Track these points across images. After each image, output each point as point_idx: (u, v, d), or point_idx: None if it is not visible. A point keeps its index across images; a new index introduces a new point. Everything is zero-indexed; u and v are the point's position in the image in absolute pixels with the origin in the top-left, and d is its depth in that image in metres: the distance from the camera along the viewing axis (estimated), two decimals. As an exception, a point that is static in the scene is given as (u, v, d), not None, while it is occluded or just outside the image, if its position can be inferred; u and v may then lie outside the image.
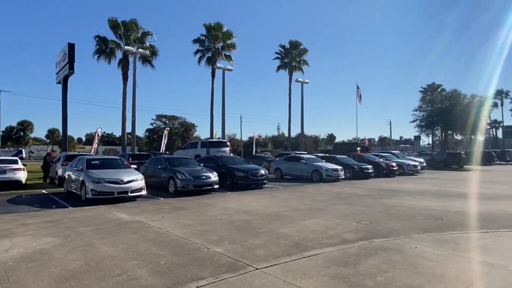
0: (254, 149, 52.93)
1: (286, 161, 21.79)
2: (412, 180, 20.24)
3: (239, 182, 15.06)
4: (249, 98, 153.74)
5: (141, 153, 24.39)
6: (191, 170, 13.79)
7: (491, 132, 75.36)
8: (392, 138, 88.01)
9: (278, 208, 9.99)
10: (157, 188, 14.20)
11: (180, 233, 6.90)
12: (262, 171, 15.91)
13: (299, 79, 36.51)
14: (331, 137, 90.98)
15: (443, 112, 55.02)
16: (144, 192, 11.78)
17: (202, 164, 15.85)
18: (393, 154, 28.75)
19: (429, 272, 4.52)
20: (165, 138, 36.72)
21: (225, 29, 32.47)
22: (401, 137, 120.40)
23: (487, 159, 40.05)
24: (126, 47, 26.81)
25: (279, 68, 40.03)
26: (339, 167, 19.62)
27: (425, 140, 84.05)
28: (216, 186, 13.78)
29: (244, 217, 8.62)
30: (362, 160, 23.19)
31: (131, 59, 27.26)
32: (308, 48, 39.65)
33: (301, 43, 39.31)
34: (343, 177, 19.60)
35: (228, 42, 32.81)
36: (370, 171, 21.06)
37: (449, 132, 60.94)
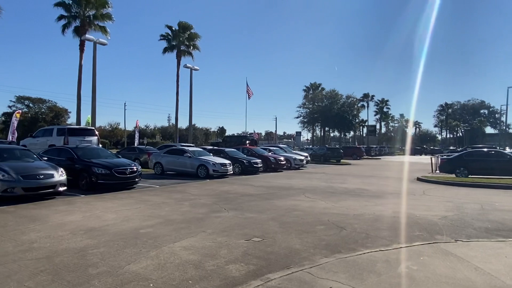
0: (136, 140, 47.41)
1: (169, 154, 18.84)
2: (300, 175, 19.78)
3: (100, 181, 11.59)
4: (136, 84, 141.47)
5: None
6: (21, 166, 9.68)
7: (360, 130, 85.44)
8: (277, 133, 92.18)
9: (142, 220, 7.26)
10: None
11: None
12: (134, 167, 12.69)
13: (188, 65, 33.39)
14: (222, 130, 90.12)
15: (323, 109, 59.40)
16: None
17: (45, 158, 11.72)
18: (281, 148, 28.72)
19: None
20: (14, 123, 29.00)
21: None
22: (284, 132, 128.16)
23: (357, 154, 44.84)
24: None
25: (165, 50, 35.92)
26: (227, 162, 17.85)
27: (305, 136, 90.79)
28: (62, 189, 10.03)
29: (81, 242, 5.64)
30: (251, 154, 22.10)
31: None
32: (200, 34, 36.66)
33: (192, 26, 36.10)
34: (232, 172, 17.98)
35: (103, 11, 27.42)
36: (259, 165, 19.94)
37: (327, 128, 66.47)
